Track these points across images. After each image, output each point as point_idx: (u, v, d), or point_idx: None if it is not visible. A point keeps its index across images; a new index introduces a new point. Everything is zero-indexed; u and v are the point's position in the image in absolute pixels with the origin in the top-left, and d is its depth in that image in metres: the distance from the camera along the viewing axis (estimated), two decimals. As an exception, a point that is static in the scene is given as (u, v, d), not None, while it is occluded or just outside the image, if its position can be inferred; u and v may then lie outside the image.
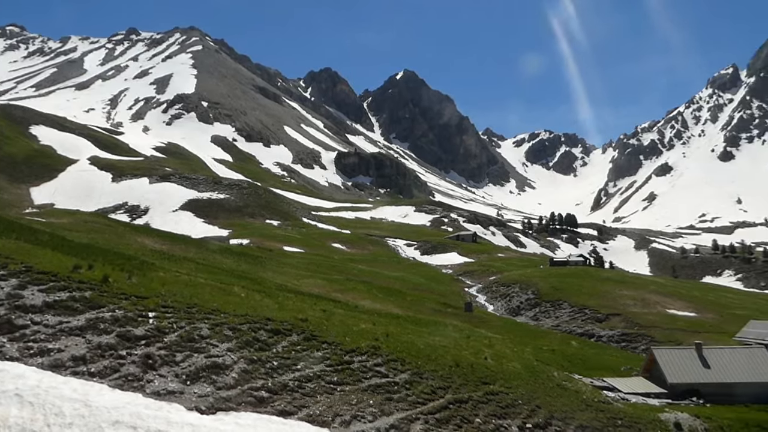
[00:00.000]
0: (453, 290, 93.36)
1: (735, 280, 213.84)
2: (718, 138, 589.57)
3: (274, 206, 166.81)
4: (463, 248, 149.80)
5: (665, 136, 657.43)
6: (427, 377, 28.80)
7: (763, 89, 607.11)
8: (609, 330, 72.80)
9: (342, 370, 26.86)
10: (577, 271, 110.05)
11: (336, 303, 46.43)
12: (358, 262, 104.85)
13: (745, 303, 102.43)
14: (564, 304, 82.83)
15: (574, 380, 36.88)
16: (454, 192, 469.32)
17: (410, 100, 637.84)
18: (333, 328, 31.51)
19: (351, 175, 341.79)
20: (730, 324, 73.55)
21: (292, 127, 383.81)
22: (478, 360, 33.77)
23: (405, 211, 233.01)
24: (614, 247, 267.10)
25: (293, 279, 62.41)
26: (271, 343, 26.76)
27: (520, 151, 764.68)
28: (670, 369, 40.69)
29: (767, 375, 40.95)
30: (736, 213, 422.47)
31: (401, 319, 44.48)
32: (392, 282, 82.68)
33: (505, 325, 65.99)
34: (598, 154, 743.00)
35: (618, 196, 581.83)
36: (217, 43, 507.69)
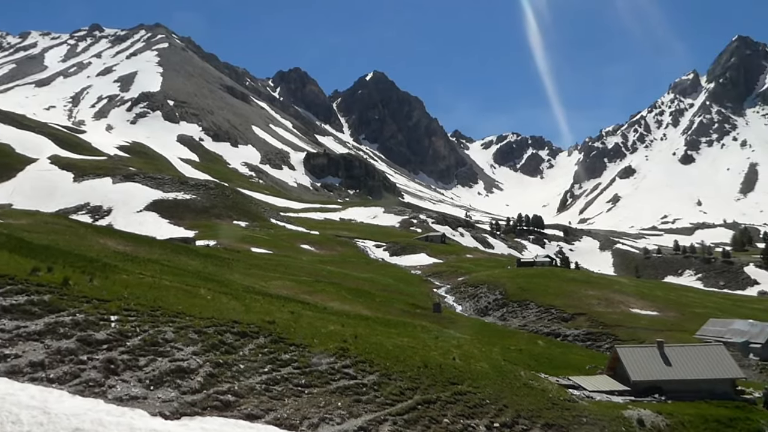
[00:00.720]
0: (422, 291, 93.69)
1: (695, 280, 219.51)
2: (679, 142, 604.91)
3: (241, 207, 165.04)
4: (432, 249, 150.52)
5: (629, 139, 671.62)
6: (395, 378, 28.78)
7: (721, 95, 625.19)
8: (574, 329, 73.95)
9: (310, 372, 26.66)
10: (544, 272, 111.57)
11: (304, 305, 46.11)
12: (327, 263, 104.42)
13: (704, 302, 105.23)
14: (531, 304, 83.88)
15: (541, 379, 37.31)
16: (423, 193, 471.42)
17: (380, 101, 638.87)
18: (301, 330, 31.26)
19: (320, 176, 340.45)
20: (691, 322, 75.52)
21: (260, 127, 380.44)
22: (447, 360, 33.90)
23: (374, 212, 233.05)
24: (580, 247, 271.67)
25: (261, 281, 61.79)
26: (237, 346, 26.42)
27: (488, 153, 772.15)
28: (634, 367, 41.49)
29: (726, 371, 42.09)
30: (696, 215, 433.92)
31: (370, 321, 44.40)
32: (361, 283, 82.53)
33: (474, 325, 66.47)
34: (565, 156, 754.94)
35: (583, 197, 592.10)
36: (183, 41, 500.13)
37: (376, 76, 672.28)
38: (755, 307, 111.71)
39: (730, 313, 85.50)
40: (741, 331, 65.03)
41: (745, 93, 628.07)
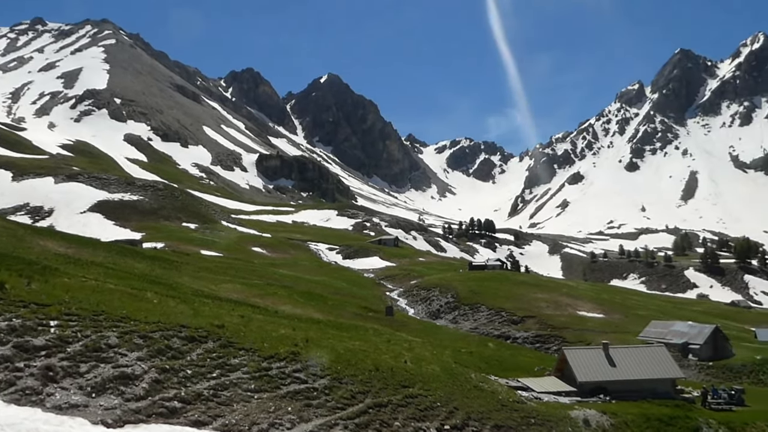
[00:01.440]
0: (374, 294, 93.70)
1: (639, 283, 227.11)
2: (625, 149, 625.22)
3: (191, 209, 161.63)
4: (385, 252, 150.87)
5: (577, 146, 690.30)
6: (346, 382, 28.64)
7: (665, 105, 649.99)
8: (524, 332, 75.30)
9: (260, 377, 26.26)
10: (495, 275, 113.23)
11: (255, 308, 45.42)
12: (278, 266, 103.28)
13: (647, 304, 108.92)
14: (482, 307, 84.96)
15: (491, 381, 37.78)
16: (377, 197, 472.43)
17: (334, 104, 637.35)
18: (251, 334, 30.77)
19: (273, 178, 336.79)
20: (635, 324, 77.98)
21: (211, 128, 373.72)
22: (398, 363, 33.94)
23: (327, 215, 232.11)
24: (530, 251, 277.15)
25: (210, 284, 60.58)
26: (185, 351, 25.78)
27: (441, 157, 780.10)
28: (580, 368, 42.46)
29: (667, 372, 43.57)
30: (640, 220, 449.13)
31: (322, 324, 44.08)
32: (314, 286, 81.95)
33: (425, 328, 66.86)
34: (516, 162, 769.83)
35: (534, 202, 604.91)
36: (131, 38, 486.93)
37: (331, 79, 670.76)
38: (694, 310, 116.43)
39: (671, 316, 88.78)
40: (681, 333, 67.52)
41: (686, 104, 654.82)
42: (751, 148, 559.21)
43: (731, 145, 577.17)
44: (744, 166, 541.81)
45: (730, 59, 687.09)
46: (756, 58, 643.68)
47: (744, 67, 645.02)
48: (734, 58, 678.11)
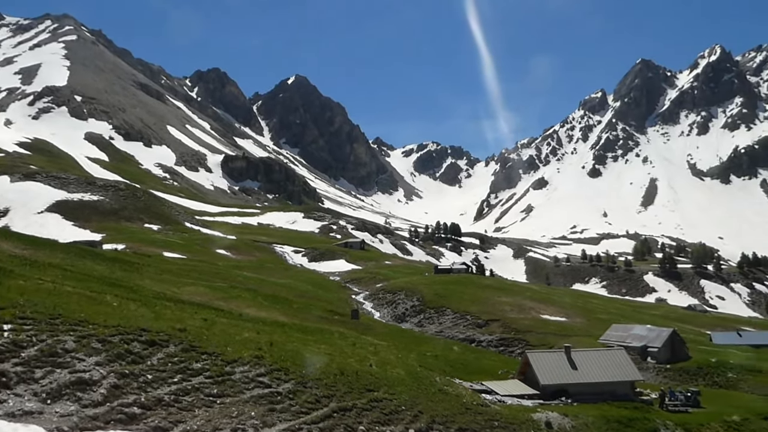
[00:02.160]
0: (340, 297, 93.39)
1: (600, 287, 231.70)
2: (588, 156, 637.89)
3: (153, 209, 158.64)
4: (352, 255, 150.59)
5: (542, 152, 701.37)
6: (311, 386, 28.44)
7: (626, 113, 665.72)
8: (488, 335, 75.98)
9: (222, 381, 25.87)
10: (460, 279, 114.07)
11: (218, 311, 44.77)
12: (243, 268, 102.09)
13: (608, 308, 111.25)
14: (447, 311, 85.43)
15: (455, 385, 38.01)
16: (344, 199, 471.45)
17: (301, 105, 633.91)
18: (214, 337, 30.32)
19: (238, 180, 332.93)
20: (596, 328, 79.47)
21: (176, 127, 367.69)
22: (363, 367, 33.88)
23: (294, 217, 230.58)
24: (495, 255, 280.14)
25: (173, 287, 59.47)
26: (145, 355, 25.23)
27: (408, 161, 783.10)
28: (543, 371, 43.07)
29: (626, 374, 44.52)
30: (602, 225, 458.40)
31: (287, 327, 43.69)
32: (279, 289, 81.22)
33: (391, 331, 66.87)
34: (482, 167, 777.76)
35: (499, 207, 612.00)
36: (94, 34, 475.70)
37: (298, 80, 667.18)
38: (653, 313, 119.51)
39: (631, 319, 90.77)
40: (640, 336, 69.06)
41: (646, 112, 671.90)
42: (708, 157, 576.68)
43: (689, 153, 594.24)
44: (701, 174, 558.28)
45: (688, 70, 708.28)
46: (713, 70, 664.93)
47: (701, 78, 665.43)
48: (692, 69, 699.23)
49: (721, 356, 67.75)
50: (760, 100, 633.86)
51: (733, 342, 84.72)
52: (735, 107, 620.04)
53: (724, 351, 73.69)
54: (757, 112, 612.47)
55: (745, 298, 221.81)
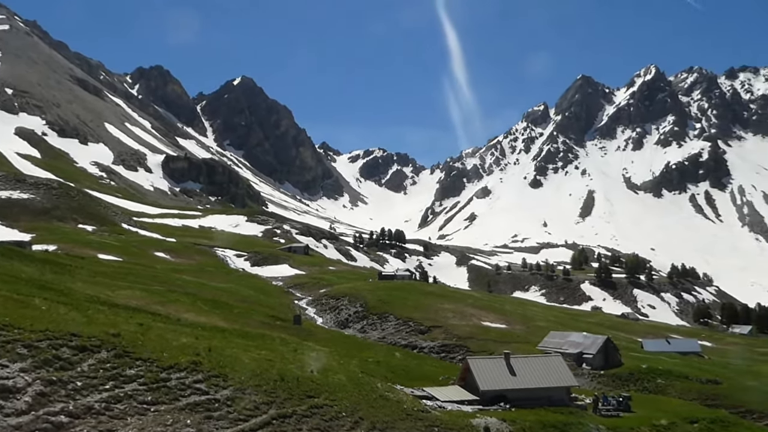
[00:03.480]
0: (283, 303, 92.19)
1: (539, 295, 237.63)
2: (530, 167, 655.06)
3: (88, 210, 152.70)
4: (295, 260, 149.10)
5: (486, 162, 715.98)
6: (250, 393, 27.86)
7: (567, 127, 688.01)
8: (430, 341, 76.53)
9: (157, 388, 25.02)
10: (404, 285, 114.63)
11: (155, 316, 43.36)
12: (182, 272, 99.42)
13: (547, 316, 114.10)
14: (390, 317, 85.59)
15: (397, 391, 38.03)
16: (288, 203, 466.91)
17: (247, 107, 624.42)
18: (149, 343, 29.30)
19: (179, 181, 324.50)
20: (535, 335, 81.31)
21: (114, 125, 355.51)
22: (304, 373, 33.47)
23: (236, 220, 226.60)
24: (438, 262, 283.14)
25: (107, 290, 57.26)
26: (75, 361, 24.12)
27: (354, 166, 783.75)
28: (482, 377, 43.66)
29: (562, 380, 45.65)
30: (542, 235, 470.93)
31: (227, 333, 42.72)
32: (219, 294, 79.45)
33: (333, 337, 66.45)
34: (427, 174, 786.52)
35: (443, 215, 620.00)
36: (28, 25, 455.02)
37: (244, 82, 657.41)
38: (589, 321, 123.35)
39: (568, 327, 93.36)
40: (576, 343, 71.08)
41: (586, 127, 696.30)
42: (642, 171, 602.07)
43: (625, 167, 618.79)
44: (635, 187, 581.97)
45: (625, 88, 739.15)
46: (648, 88, 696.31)
47: (637, 96, 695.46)
48: (629, 87, 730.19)
49: (651, 363, 70.50)
50: (690, 119, 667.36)
51: (663, 349, 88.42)
52: (667, 125, 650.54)
53: (654, 358, 76.77)
54: (687, 130, 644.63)
55: (674, 307, 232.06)
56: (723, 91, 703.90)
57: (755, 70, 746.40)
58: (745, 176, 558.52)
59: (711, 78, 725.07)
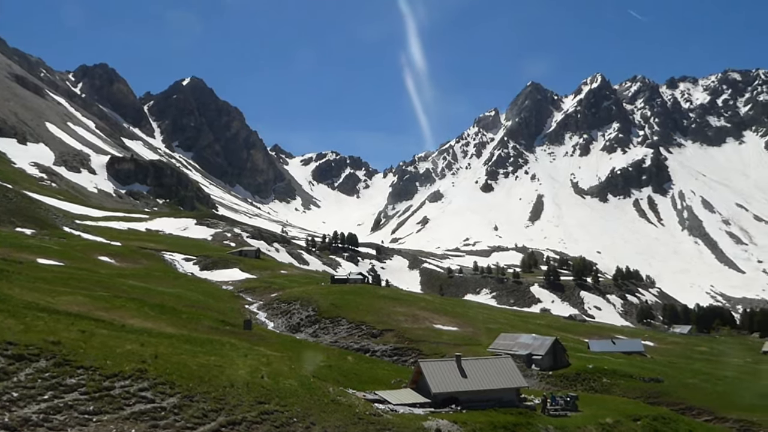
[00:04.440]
0: (233, 307, 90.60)
1: (490, 298, 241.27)
2: (481, 171, 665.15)
3: (27, 212, 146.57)
4: (246, 264, 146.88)
5: (438, 166, 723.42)
6: (198, 400, 27.19)
7: (517, 132, 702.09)
8: (383, 345, 76.55)
9: (100, 397, 24.12)
10: (356, 289, 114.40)
11: (98, 322, 41.85)
12: (128, 277, 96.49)
13: (497, 318, 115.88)
14: (343, 321, 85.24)
15: (348, 395, 37.82)
16: (239, 206, 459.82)
17: (197, 108, 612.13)
18: (92, 351, 28.23)
19: (125, 183, 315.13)
20: (486, 336, 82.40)
21: (56, 124, 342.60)
22: (255, 379, 32.90)
23: (185, 223, 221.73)
24: (391, 266, 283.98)
25: (47, 296, 54.96)
26: (11, 371, 23.00)
27: (307, 169, 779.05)
28: (434, 380, 43.90)
29: (512, 381, 46.36)
30: (493, 238, 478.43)
31: (174, 339, 41.59)
32: (167, 299, 77.40)
33: (285, 342, 65.61)
34: (380, 178, 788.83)
35: (396, 218, 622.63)
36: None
37: (194, 82, 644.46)
38: (538, 323, 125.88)
39: (518, 328, 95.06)
40: (526, 345, 72.38)
41: (535, 132, 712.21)
42: (588, 177, 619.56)
43: (572, 172, 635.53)
44: (582, 192, 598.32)
45: (573, 95, 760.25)
46: (594, 96, 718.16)
47: (584, 103, 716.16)
48: (576, 94, 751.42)
49: (597, 363, 72.43)
50: (633, 126, 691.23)
51: (608, 349, 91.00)
52: (612, 132, 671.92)
53: (600, 358, 78.91)
54: (631, 137, 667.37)
55: (618, 309, 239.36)
56: (664, 99, 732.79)
57: (694, 81, 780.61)
58: (685, 182, 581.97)
59: (653, 87, 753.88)
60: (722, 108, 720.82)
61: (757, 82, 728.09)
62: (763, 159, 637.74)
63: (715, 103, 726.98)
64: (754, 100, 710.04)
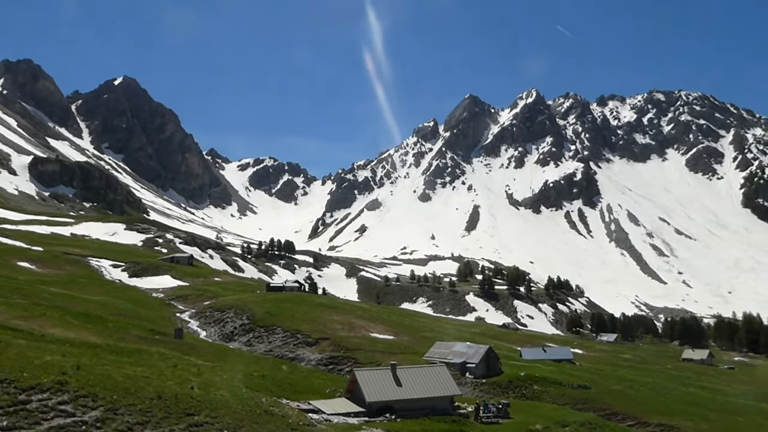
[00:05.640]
0: (163, 315, 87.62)
1: (427, 306, 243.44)
2: (419, 181, 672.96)
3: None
4: (178, 271, 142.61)
5: (377, 174, 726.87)
6: (123, 413, 26.01)
7: (455, 143, 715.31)
8: (318, 353, 75.78)
9: (15, 412, 22.69)
10: (292, 297, 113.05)
11: (16, 332, 39.54)
12: (50, 283, 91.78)
13: (433, 326, 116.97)
14: (278, 329, 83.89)
15: (282, 405, 37.16)
16: (172, 211, 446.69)
17: (129, 109, 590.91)
18: (8, 362, 26.59)
19: (49, 185, 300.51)
20: (421, 345, 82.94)
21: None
22: (184, 390, 31.81)
23: (114, 228, 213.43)
24: (328, 274, 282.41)
25: (-41, 303, 51.54)
26: None
27: (244, 175, 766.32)
28: (369, 388, 43.73)
29: (446, 389, 46.77)
30: (430, 247, 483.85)
31: (99, 349, 39.75)
32: (92, 307, 74.03)
33: (217, 351, 63.93)
34: (318, 185, 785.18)
35: (334, 226, 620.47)
36: None
37: (127, 82, 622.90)
38: (473, 331, 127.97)
39: (453, 337, 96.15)
40: (460, 353, 73.28)
41: (472, 144, 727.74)
42: (523, 188, 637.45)
43: (507, 184, 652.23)
44: (517, 203, 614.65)
45: (509, 109, 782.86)
46: (529, 111, 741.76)
47: (519, 117, 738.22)
48: (512, 108, 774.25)
49: (529, 370, 74.17)
50: (565, 140, 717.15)
51: (539, 357, 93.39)
52: (546, 145, 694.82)
53: (531, 365, 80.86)
54: (563, 151, 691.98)
55: (550, 317, 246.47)
56: (595, 116, 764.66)
57: (622, 99, 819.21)
58: (613, 196, 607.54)
59: (584, 104, 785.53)
60: (647, 126, 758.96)
61: (680, 103, 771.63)
62: (684, 176, 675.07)
63: (641, 122, 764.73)
64: (676, 120, 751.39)
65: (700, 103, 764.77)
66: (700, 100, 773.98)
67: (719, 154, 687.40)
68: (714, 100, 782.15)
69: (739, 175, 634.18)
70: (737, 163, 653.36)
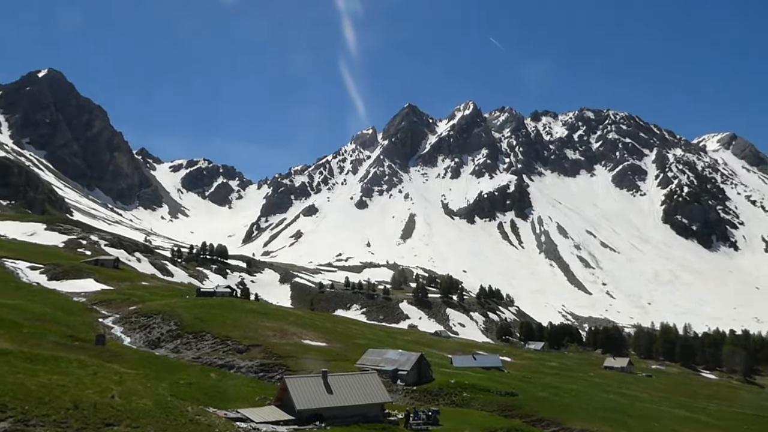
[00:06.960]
0: (84, 321, 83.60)
1: (360, 313, 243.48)
2: (356, 188, 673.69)
3: None
4: (102, 274, 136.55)
5: (314, 180, 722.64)
6: (35, 424, 24.55)
7: (393, 152, 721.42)
8: (249, 361, 74.23)
9: None
10: (224, 302, 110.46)
11: None
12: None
13: (366, 334, 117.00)
14: (207, 336, 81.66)
15: (209, 414, 36.11)
16: (98, 212, 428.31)
17: (53, 103, 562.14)
18: None
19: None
20: (354, 352, 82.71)
21: None
22: (104, 399, 30.38)
23: (33, 228, 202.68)
24: (261, 279, 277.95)
25: None
26: None
27: (176, 176, 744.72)
28: (299, 396, 43.19)
29: (376, 397, 46.80)
30: (366, 254, 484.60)
31: (11, 356, 37.46)
32: (6, 311, 69.78)
33: (142, 358, 61.55)
34: (254, 189, 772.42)
35: (269, 231, 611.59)
36: None
37: (52, 75, 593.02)
38: (406, 339, 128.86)
39: (386, 344, 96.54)
40: (392, 360, 73.55)
41: (410, 153, 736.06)
42: (458, 198, 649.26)
43: (443, 194, 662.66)
44: (452, 213, 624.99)
45: (447, 120, 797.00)
46: (466, 122, 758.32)
47: (456, 128, 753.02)
48: (450, 119, 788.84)
49: (459, 377, 75.25)
50: (500, 153, 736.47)
51: (469, 365, 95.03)
52: (481, 157, 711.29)
53: (462, 373, 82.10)
54: (498, 163, 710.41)
55: (481, 326, 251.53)
56: (528, 131, 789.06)
57: (555, 116, 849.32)
58: (543, 209, 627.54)
59: (519, 118, 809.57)
60: (577, 142, 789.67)
61: (608, 122, 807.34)
62: (610, 192, 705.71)
63: (571, 138, 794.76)
64: (604, 137, 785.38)
65: (627, 123, 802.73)
66: (627, 119, 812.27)
67: (643, 172, 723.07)
68: (639, 120, 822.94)
69: (660, 193, 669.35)
70: (659, 181, 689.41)
